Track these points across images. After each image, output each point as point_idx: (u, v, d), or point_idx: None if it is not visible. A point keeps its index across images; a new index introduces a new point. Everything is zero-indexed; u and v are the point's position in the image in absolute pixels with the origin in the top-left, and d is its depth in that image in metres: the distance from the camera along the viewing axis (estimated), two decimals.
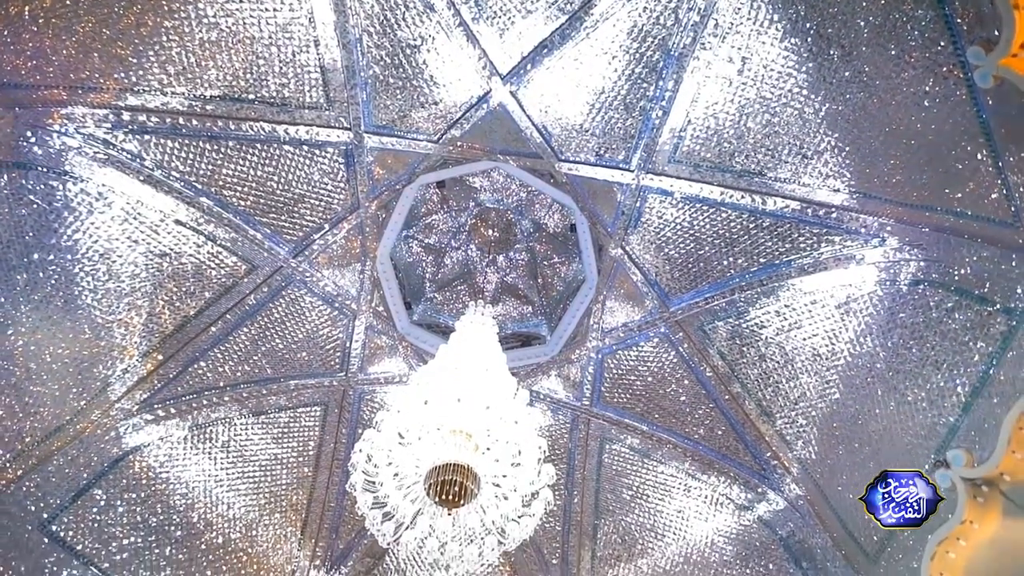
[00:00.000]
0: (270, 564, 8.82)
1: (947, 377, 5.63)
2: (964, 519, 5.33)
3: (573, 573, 9.56)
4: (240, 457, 8.77)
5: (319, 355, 9.08)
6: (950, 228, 5.41)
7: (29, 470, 6.59)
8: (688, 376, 8.49)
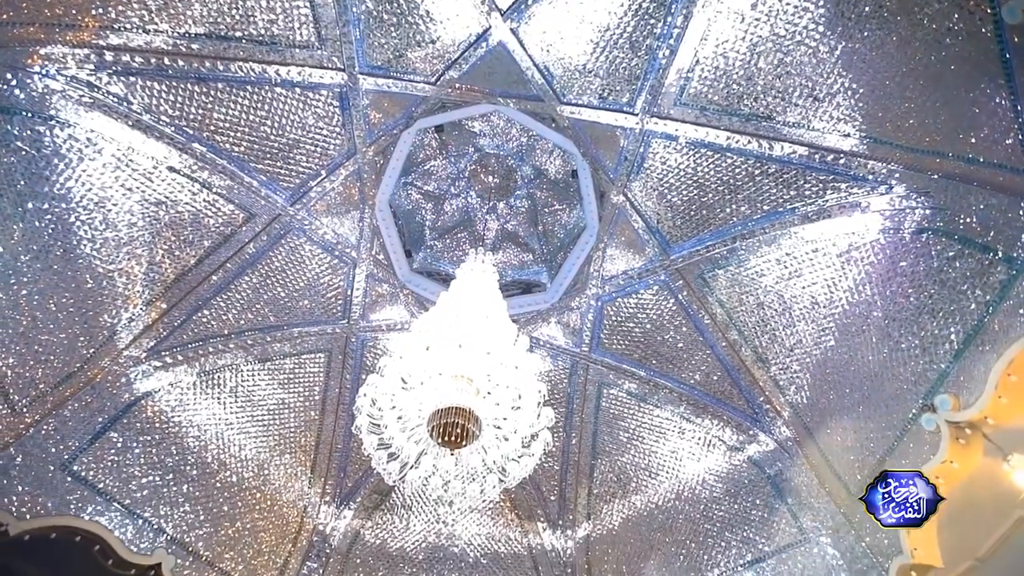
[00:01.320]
0: (283, 500, 9.31)
1: (942, 325, 5.71)
2: (945, 459, 5.58)
3: (570, 509, 10.11)
4: (248, 402, 9.05)
5: (321, 303, 9.17)
6: (960, 175, 5.29)
7: (46, 414, 6.82)
8: (686, 323, 8.59)
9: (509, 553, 10.00)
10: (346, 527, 9.81)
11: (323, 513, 9.73)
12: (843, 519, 7.02)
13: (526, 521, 10.22)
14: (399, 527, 10.04)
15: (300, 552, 9.26)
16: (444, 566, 9.75)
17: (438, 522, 10.11)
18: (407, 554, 9.81)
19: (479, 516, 10.21)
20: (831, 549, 7.08)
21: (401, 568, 9.65)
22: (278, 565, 8.88)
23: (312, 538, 9.48)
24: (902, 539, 6.05)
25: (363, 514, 9.99)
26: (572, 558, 9.81)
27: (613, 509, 9.78)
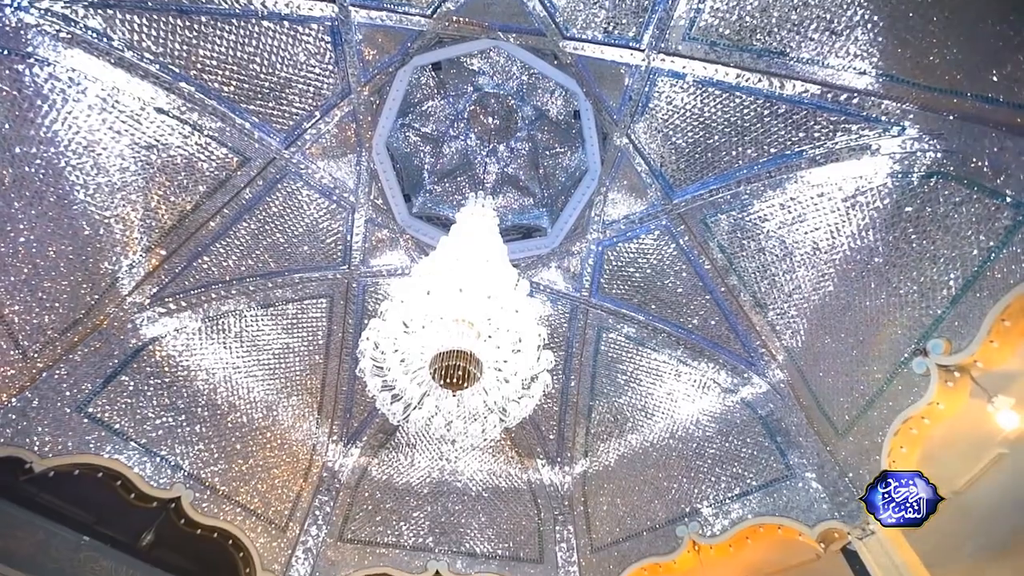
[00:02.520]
0: (292, 439, 9.71)
1: (942, 271, 5.71)
2: (932, 401, 5.77)
3: (568, 447, 10.55)
4: (254, 346, 9.23)
5: (321, 248, 9.14)
6: (976, 115, 5.10)
7: (57, 359, 6.98)
8: (687, 268, 8.60)
9: (509, 488, 10.54)
10: (354, 464, 10.29)
11: (331, 451, 10.18)
12: (828, 456, 7.34)
13: (526, 458, 10.71)
14: (404, 464, 10.53)
15: (311, 487, 9.77)
16: (448, 499, 10.30)
17: (441, 459, 10.59)
18: (412, 488, 10.35)
19: (481, 453, 10.69)
20: (815, 484, 7.44)
21: (407, 501, 10.20)
22: (291, 498, 9.40)
23: (322, 474, 9.97)
24: None
25: (369, 452, 10.46)
26: (569, 492, 10.36)
27: (609, 447, 10.21)
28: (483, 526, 10.10)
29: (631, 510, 9.41)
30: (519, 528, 10.13)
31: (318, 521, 9.50)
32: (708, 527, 8.20)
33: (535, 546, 9.94)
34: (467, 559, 9.65)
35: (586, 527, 9.87)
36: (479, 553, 9.77)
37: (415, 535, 9.84)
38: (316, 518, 9.52)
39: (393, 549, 9.62)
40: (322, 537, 9.41)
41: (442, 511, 10.17)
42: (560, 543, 9.86)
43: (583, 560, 9.55)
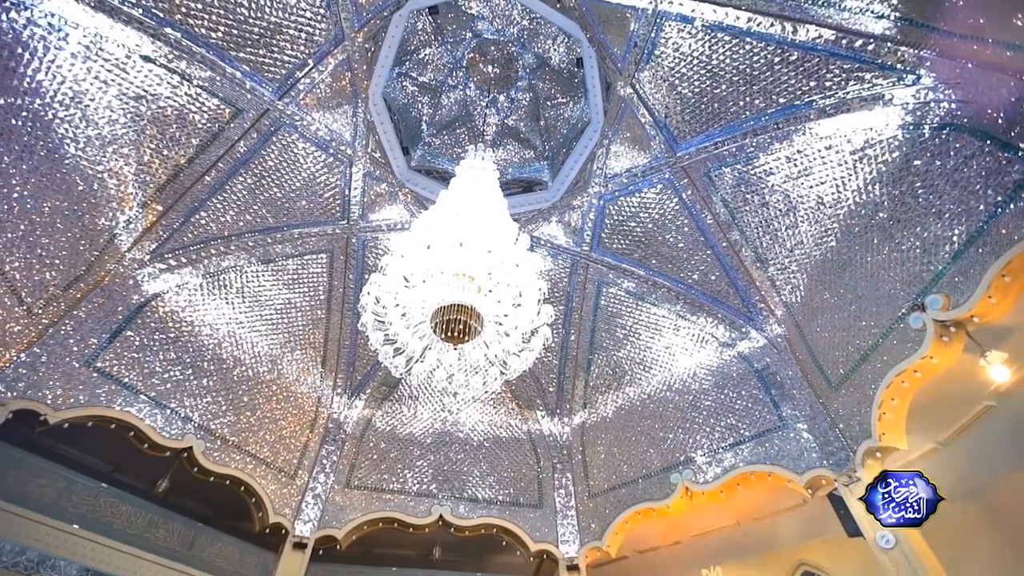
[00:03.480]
0: (298, 392, 9.94)
1: (946, 226, 5.65)
2: (926, 355, 5.85)
3: (567, 399, 10.82)
4: (256, 302, 9.29)
5: (319, 203, 9.03)
6: (996, 64, 4.89)
7: (62, 315, 7.05)
8: (689, 223, 8.52)
9: (510, 438, 10.88)
10: (358, 415, 10.59)
11: (336, 403, 10.45)
12: (821, 408, 7.53)
13: (526, 410, 11.00)
14: (407, 415, 10.83)
15: (318, 437, 10.09)
16: (450, 449, 10.66)
17: (443, 410, 10.88)
18: (416, 438, 10.69)
19: (482, 405, 10.97)
20: (806, 434, 7.67)
21: (411, 450, 10.56)
22: (299, 448, 9.72)
23: (328, 425, 10.27)
24: (873, 425, 6.53)
25: (373, 404, 10.74)
26: (568, 442, 10.71)
27: (607, 399, 10.47)
28: (484, 474, 10.51)
29: (627, 459, 9.75)
30: (519, 476, 10.54)
31: (325, 469, 9.88)
32: (701, 474, 8.52)
33: (535, 492, 10.38)
34: (469, 504, 10.09)
35: (584, 475, 10.26)
36: (481, 499, 10.20)
37: (419, 482, 10.25)
38: (324, 466, 9.89)
39: (398, 495, 10.05)
40: (330, 484, 9.81)
41: (445, 460, 10.55)
42: (559, 489, 10.28)
43: (580, 505, 10.00)
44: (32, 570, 6.23)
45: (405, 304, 5.05)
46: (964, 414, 7.31)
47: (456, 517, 9.83)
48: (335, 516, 9.52)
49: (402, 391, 10.84)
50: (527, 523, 9.93)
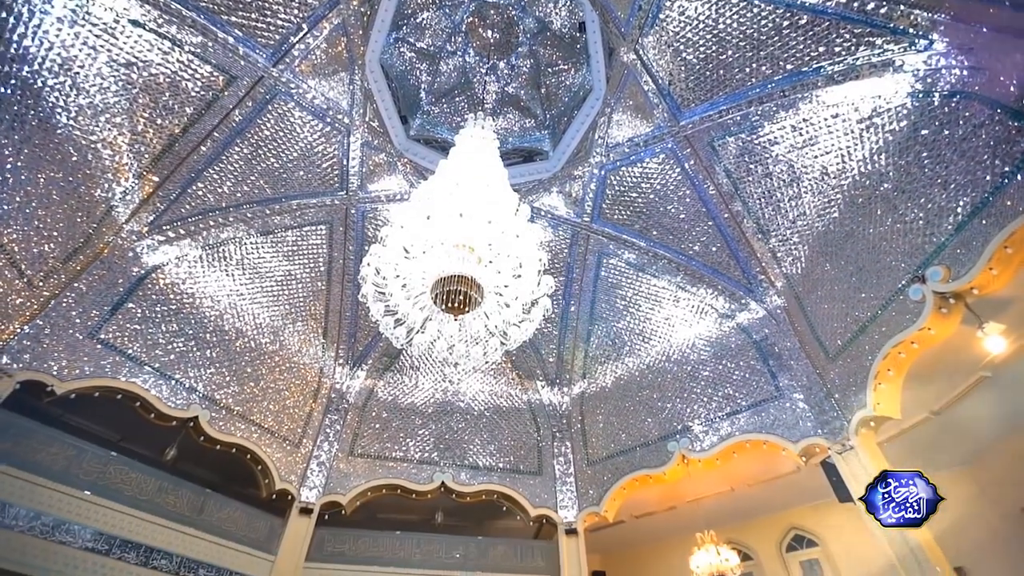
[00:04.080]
0: (300, 363, 10.04)
1: (951, 197, 5.59)
2: (924, 326, 5.87)
3: (567, 369, 10.94)
4: (256, 274, 9.29)
5: (317, 174, 8.92)
6: (1012, 28, 4.75)
7: (63, 286, 7.06)
8: (691, 193, 8.44)
9: (510, 407, 11.06)
10: (360, 386, 10.73)
11: (338, 374, 10.58)
12: (817, 378, 7.62)
13: (526, 380, 11.14)
14: (409, 385, 10.97)
15: (321, 407, 10.25)
16: (451, 418, 10.85)
17: (444, 380, 11.03)
18: (417, 408, 10.86)
19: (482, 375, 11.11)
20: (802, 404, 7.79)
21: (413, 419, 10.75)
22: (303, 417, 9.89)
23: (331, 395, 10.42)
24: (868, 395, 6.62)
25: (375, 374, 10.87)
26: (567, 411, 10.89)
27: (607, 370, 10.58)
28: (485, 442, 10.72)
29: (626, 427, 9.93)
30: (519, 444, 10.76)
31: (329, 438, 10.08)
32: (698, 442, 8.69)
33: (534, 460, 10.61)
34: (470, 471, 10.33)
35: (583, 443, 10.48)
36: (482, 466, 10.44)
37: (421, 450, 10.47)
38: (327, 435, 10.09)
39: (401, 463, 10.28)
40: (334, 452, 10.02)
41: (446, 429, 10.75)
42: (558, 457, 10.51)
43: (579, 472, 10.24)
44: (48, 534, 6.43)
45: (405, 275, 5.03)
46: (958, 385, 7.41)
47: (457, 484, 10.08)
48: (339, 483, 9.76)
49: (403, 362, 10.95)
50: (527, 489, 10.19)
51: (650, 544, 12.10)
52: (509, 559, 9.68)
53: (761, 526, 11.27)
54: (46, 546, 6.36)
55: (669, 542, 11.59)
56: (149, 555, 7.26)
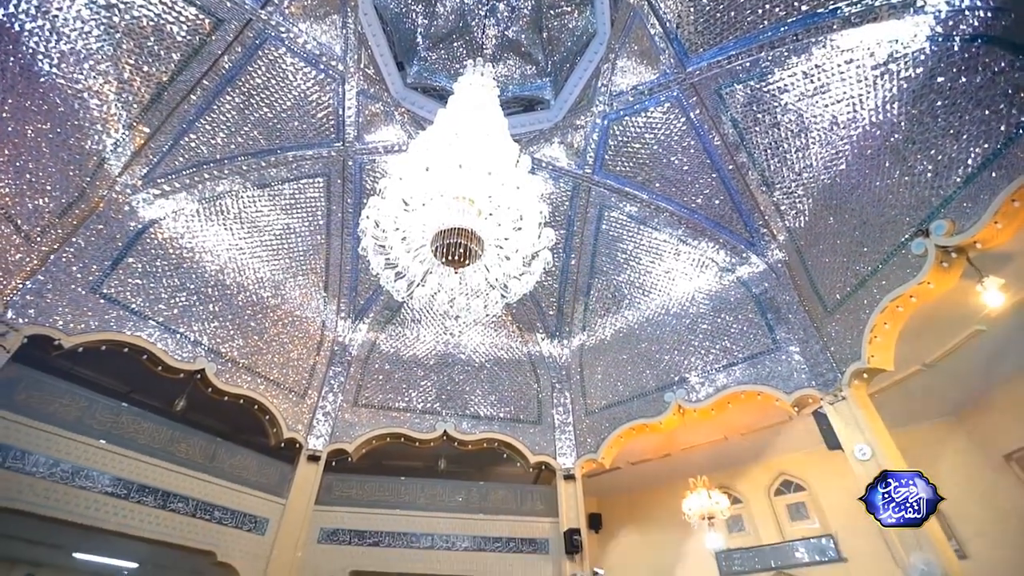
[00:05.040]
0: (302, 317, 10.14)
1: (962, 148, 5.45)
2: (923, 280, 5.87)
3: (567, 322, 11.06)
4: (255, 227, 9.22)
5: (312, 124, 8.68)
6: None
7: (61, 241, 7.02)
8: (695, 144, 8.24)
9: (511, 359, 11.26)
10: (363, 338, 10.88)
11: (340, 327, 10.70)
12: (814, 331, 7.70)
13: (526, 332, 11.28)
14: (410, 338, 11.13)
15: (324, 359, 10.44)
16: (453, 370, 11.07)
17: (446, 333, 11.17)
18: (419, 360, 11.06)
19: (483, 328, 11.24)
20: (797, 356, 7.91)
21: (415, 371, 10.97)
22: (307, 369, 10.09)
23: (333, 347, 10.59)
24: (863, 348, 6.71)
25: (377, 327, 11.00)
26: (567, 363, 11.09)
27: (606, 323, 10.70)
28: (486, 393, 10.99)
29: (624, 379, 10.15)
30: (519, 395, 11.03)
31: (334, 389, 10.32)
32: (694, 393, 8.90)
33: (534, 410, 10.91)
34: (472, 421, 10.65)
35: (582, 393, 10.74)
36: (483, 416, 10.75)
37: (424, 401, 10.75)
38: (332, 386, 10.33)
39: (404, 412, 10.58)
40: (339, 403, 10.29)
41: (448, 380, 10.99)
42: (557, 407, 10.81)
43: (578, 421, 10.55)
44: (68, 480, 6.70)
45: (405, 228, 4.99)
46: (952, 338, 7.50)
47: (459, 432, 10.42)
48: (345, 432, 10.08)
49: (405, 315, 11.06)
50: (527, 438, 10.54)
51: (645, 489, 12.64)
52: (509, 503, 10.14)
53: (751, 472, 11.73)
54: (67, 490, 6.66)
55: (663, 487, 12.10)
56: (166, 499, 7.60)
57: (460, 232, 4.58)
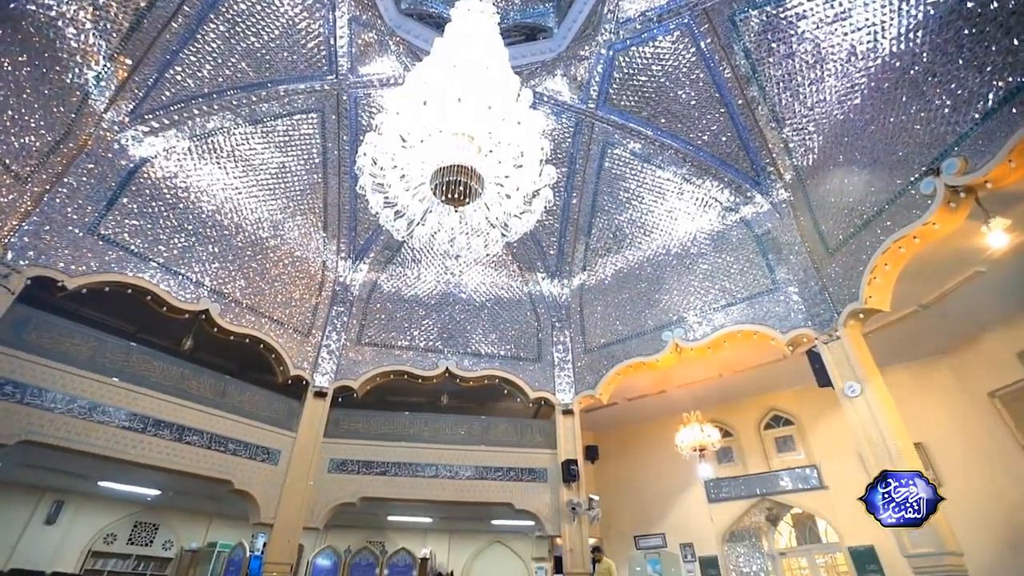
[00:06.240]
0: (303, 256, 10.12)
1: (984, 82, 5.20)
2: (929, 221, 5.79)
3: (567, 262, 11.06)
4: (249, 166, 9.00)
5: (303, 55, 8.25)
6: None
7: (53, 182, 6.87)
8: (704, 77, 7.88)
9: (511, 298, 11.37)
10: (364, 278, 10.93)
11: (341, 267, 10.72)
12: (814, 272, 7.72)
13: (527, 272, 11.32)
14: (411, 277, 11.18)
15: (327, 299, 10.54)
16: (453, 309, 11.21)
17: (446, 272, 11.22)
18: (421, 299, 11.17)
19: (484, 267, 11.27)
20: (795, 296, 7.97)
21: (416, 310, 11.11)
22: (310, 309, 10.21)
23: (335, 287, 10.66)
24: (861, 288, 6.75)
25: (378, 267, 11.02)
26: (567, 302, 11.21)
27: (607, 262, 10.71)
28: (487, 331, 11.19)
29: (623, 318, 10.30)
30: (520, 333, 11.24)
31: (337, 328, 10.50)
32: (691, 332, 9.06)
33: (534, 348, 11.16)
34: (473, 358, 10.92)
35: (581, 332, 10.94)
36: (484, 353, 11.01)
37: (426, 339, 10.97)
38: (335, 326, 10.50)
39: (407, 351, 10.83)
40: (342, 341, 10.51)
41: (449, 319, 11.16)
42: (557, 345, 11.05)
43: (577, 359, 10.82)
44: (86, 415, 6.97)
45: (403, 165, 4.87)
46: (950, 279, 7.52)
47: (461, 369, 10.71)
48: (350, 369, 10.37)
49: (405, 254, 11.05)
50: (527, 375, 10.85)
51: (640, 423, 13.18)
52: (510, 435, 10.61)
53: (743, 407, 12.18)
54: (86, 425, 6.94)
55: (658, 421, 12.61)
56: (182, 432, 7.94)
57: (460, 169, 4.48)
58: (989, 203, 5.63)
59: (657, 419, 12.66)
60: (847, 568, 9.72)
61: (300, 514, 8.92)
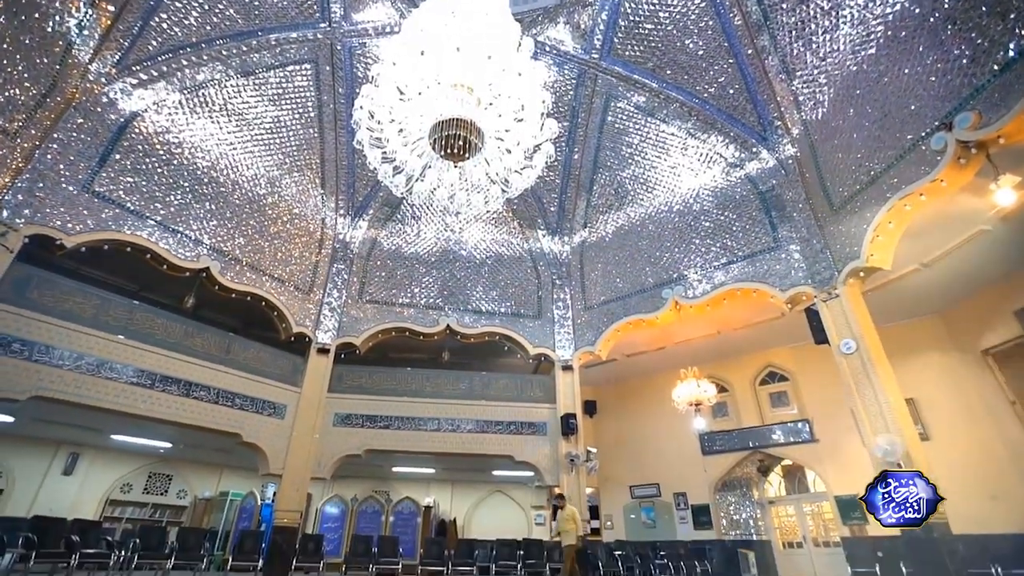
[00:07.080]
0: (301, 213, 10.02)
1: (1007, 30, 4.96)
2: (936, 178, 5.69)
3: (568, 219, 10.96)
4: (243, 120, 8.75)
5: (294, 1, 7.88)
6: None
7: (42, 137, 6.70)
8: (713, 25, 7.55)
9: (511, 255, 11.34)
10: (363, 236, 10.86)
11: (340, 224, 10.63)
12: (817, 229, 7.65)
13: (527, 228, 11.24)
14: (411, 235, 11.11)
15: (327, 257, 10.51)
16: (454, 266, 11.20)
17: (446, 230, 11.14)
18: (421, 256, 11.15)
19: (484, 224, 11.18)
20: (797, 254, 7.95)
21: (416, 267, 11.11)
22: (310, 267, 10.20)
23: (335, 245, 10.61)
24: (864, 247, 6.71)
25: (377, 224, 10.93)
26: (567, 259, 11.19)
27: (608, 219, 10.61)
28: (487, 288, 11.23)
29: (623, 275, 10.31)
30: (520, 290, 11.28)
31: (338, 286, 10.53)
32: (691, 290, 9.09)
33: (534, 305, 11.23)
34: (474, 315, 11.01)
35: (581, 289, 10.98)
36: (484, 310, 11.09)
37: (427, 296, 11.02)
38: (336, 283, 10.52)
39: (408, 308, 10.90)
40: (344, 299, 10.56)
41: (449, 276, 11.17)
42: (557, 302, 11.11)
43: (576, 316, 10.91)
44: (94, 372, 7.09)
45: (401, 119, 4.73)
46: (953, 238, 7.45)
47: (462, 326, 10.82)
48: (351, 326, 10.47)
49: (404, 211, 10.94)
50: (527, 331, 10.97)
51: (638, 378, 13.42)
52: (510, 390, 10.83)
53: (740, 364, 12.37)
54: (95, 381, 7.08)
55: (656, 377, 12.84)
56: (189, 388, 8.11)
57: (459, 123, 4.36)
58: (999, 160, 5.51)
59: (655, 375, 12.90)
60: (832, 515, 10.15)
61: (307, 465, 9.24)
